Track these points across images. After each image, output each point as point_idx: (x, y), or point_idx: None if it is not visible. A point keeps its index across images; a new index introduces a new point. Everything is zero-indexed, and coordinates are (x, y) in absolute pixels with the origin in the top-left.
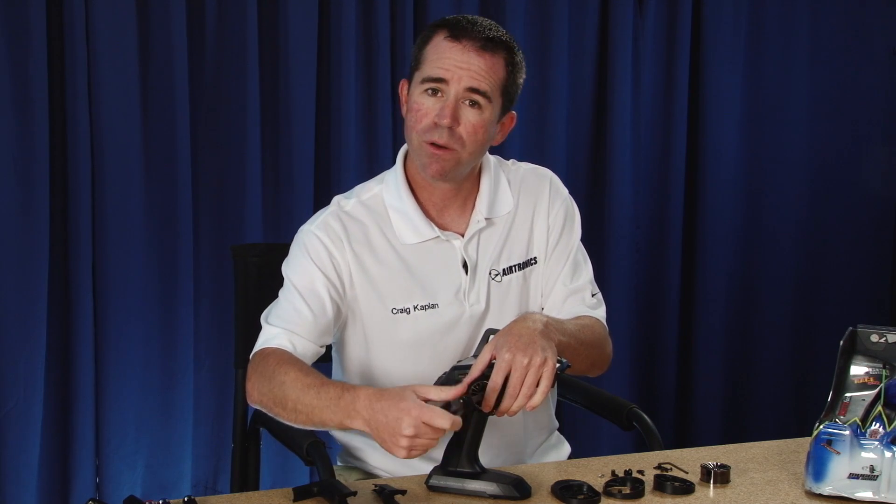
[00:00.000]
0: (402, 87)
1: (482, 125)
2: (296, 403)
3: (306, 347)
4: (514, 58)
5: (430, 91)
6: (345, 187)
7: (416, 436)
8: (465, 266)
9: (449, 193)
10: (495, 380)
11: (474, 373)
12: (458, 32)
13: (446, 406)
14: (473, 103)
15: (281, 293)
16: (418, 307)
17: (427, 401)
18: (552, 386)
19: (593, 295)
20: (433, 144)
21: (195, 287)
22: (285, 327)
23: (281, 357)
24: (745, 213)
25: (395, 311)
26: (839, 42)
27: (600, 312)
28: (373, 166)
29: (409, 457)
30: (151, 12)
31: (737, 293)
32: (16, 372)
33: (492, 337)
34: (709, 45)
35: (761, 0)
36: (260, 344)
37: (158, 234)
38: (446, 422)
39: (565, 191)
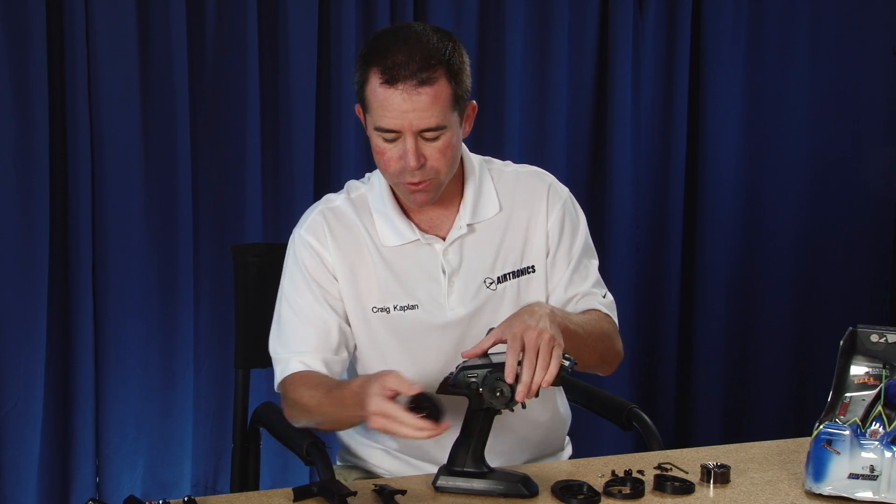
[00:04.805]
0: (358, 111)
1: (448, 146)
2: (323, 417)
3: (326, 362)
4: (452, 64)
5: (386, 139)
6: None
7: (380, 414)
8: (444, 271)
9: None
10: (511, 355)
11: (478, 350)
12: (392, 75)
13: (416, 401)
14: (432, 138)
15: (283, 311)
16: (398, 307)
17: (394, 395)
18: (559, 383)
19: (604, 296)
20: (409, 183)
21: (195, 287)
22: (296, 350)
23: (294, 381)
24: (745, 213)
25: (375, 309)
26: (839, 42)
27: (609, 310)
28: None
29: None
30: (151, 12)
31: (737, 293)
32: (16, 372)
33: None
34: (709, 45)
35: (761, 0)
36: (278, 376)
37: (158, 234)
38: (408, 430)
39: (565, 192)
